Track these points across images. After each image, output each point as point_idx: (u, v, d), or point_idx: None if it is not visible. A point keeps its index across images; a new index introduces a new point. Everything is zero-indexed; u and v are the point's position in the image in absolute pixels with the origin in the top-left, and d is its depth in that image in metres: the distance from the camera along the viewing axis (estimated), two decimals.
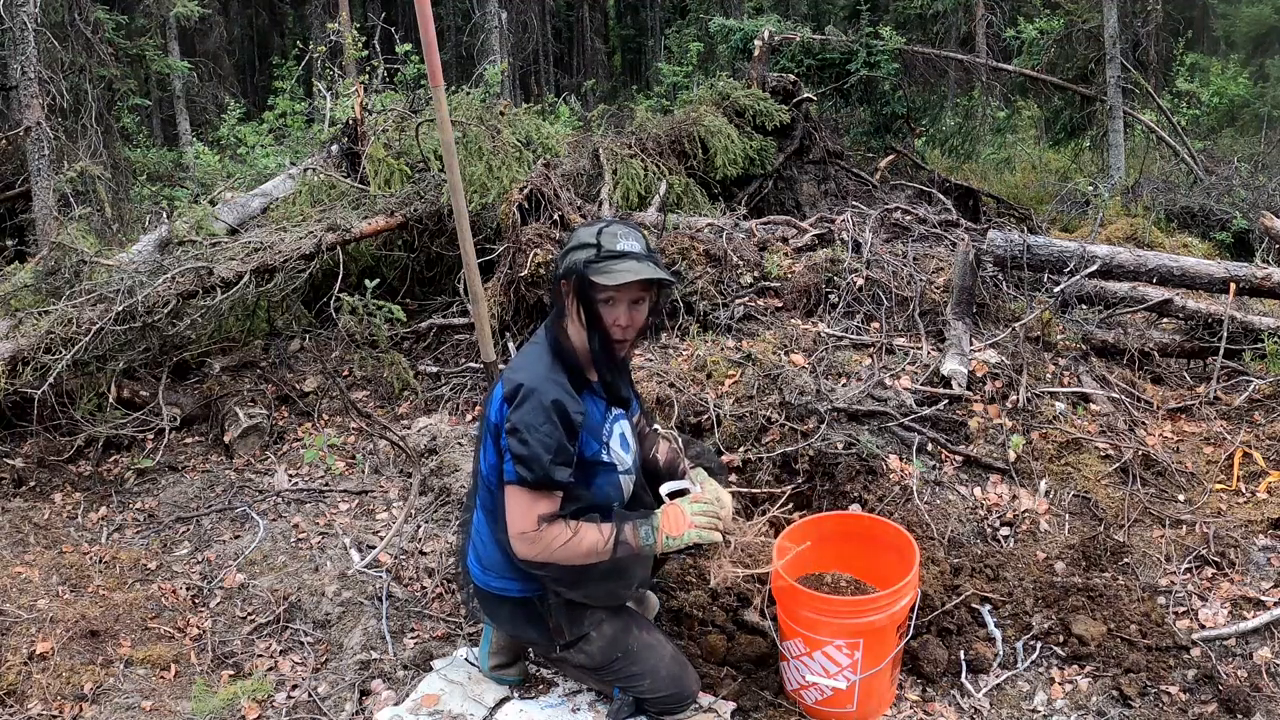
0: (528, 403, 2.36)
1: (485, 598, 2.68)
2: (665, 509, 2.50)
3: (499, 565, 2.59)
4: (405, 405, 4.78)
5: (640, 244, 2.46)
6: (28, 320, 4.43)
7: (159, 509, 4.17)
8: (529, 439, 2.34)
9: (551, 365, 2.45)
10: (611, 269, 2.38)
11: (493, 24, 15.20)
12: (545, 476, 2.35)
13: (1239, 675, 2.81)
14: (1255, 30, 17.33)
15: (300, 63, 11.11)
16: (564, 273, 2.45)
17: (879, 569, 2.92)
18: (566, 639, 2.60)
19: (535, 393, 2.36)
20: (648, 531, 2.45)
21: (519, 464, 2.35)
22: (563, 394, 2.38)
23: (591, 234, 2.45)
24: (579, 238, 2.47)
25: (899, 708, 2.80)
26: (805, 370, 4.08)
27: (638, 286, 2.43)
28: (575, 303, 2.45)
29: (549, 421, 2.35)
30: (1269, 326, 4.39)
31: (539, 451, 2.34)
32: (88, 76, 9.61)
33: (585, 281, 2.40)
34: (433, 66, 3.47)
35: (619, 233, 2.45)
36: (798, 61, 9.51)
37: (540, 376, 2.40)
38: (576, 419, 2.40)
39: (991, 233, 4.84)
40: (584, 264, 2.40)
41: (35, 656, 3.02)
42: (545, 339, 2.53)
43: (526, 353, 2.54)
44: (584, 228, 2.51)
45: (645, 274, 2.39)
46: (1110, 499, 3.56)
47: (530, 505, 2.38)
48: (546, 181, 5.00)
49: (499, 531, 2.51)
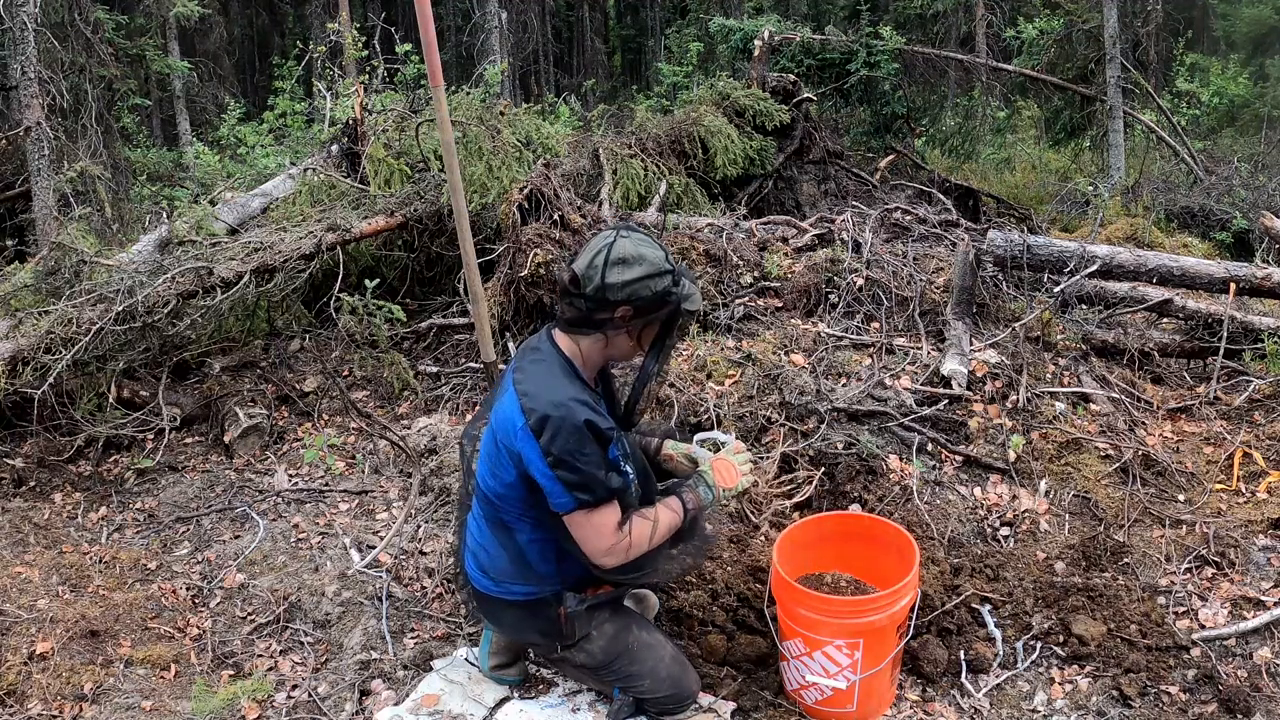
0: (562, 431, 2.31)
1: (486, 601, 2.67)
2: (715, 463, 2.59)
3: (505, 573, 2.58)
4: (405, 405, 4.78)
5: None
6: (28, 320, 4.43)
7: (159, 509, 4.17)
8: (578, 465, 2.32)
9: (568, 383, 2.40)
10: (692, 294, 2.44)
11: (493, 24, 15.20)
12: (608, 491, 2.36)
13: (1239, 675, 2.81)
14: (1255, 30, 17.33)
15: (300, 63, 11.11)
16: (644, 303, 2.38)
17: (879, 569, 2.93)
18: (569, 639, 2.60)
19: (565, 419, 2.31)
20: (705, 490, 2.55)
21: (578, 490, 2.33)
22: (590, 412, 2.35)
23: (664, 259, 2.41)
24: (654, 264, 2.39)
25: (899, 708, 2.80)
26: (805, 370, 4.08)
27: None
28: (642, 326, 2.43)
29: (588, 443, 2.33)
30: (1269, 326, 4.39)
31: (593, 473, 2.33)
32: (88, 76, 9.61)
33: (678, 309, 2.42)
34: (433, 66, 3.47)
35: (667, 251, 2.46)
36: (798, 61, 9.51)
37: (562, 400, 2.34)
38: (609, 433, 2.38)
39: (991, 233, 4.84)
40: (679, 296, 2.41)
41: (35, 656, 3.02)
42: (550, 354, 2.46)
43: (533, 372, 2.45)
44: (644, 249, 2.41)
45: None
46: (1110, 499, 3.56)
47: (603, 523, 2.39)
48: (546, 181, 5.00)
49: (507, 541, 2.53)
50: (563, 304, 2.46)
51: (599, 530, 2.39)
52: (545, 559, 2.54)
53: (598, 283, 2.37)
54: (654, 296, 2.39)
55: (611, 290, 2.37)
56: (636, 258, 2.39)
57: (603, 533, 2.39)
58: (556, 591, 2.57)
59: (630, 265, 2.38)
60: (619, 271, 2.37)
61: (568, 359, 2.45)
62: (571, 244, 4.81)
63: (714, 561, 3.21)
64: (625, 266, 2.38)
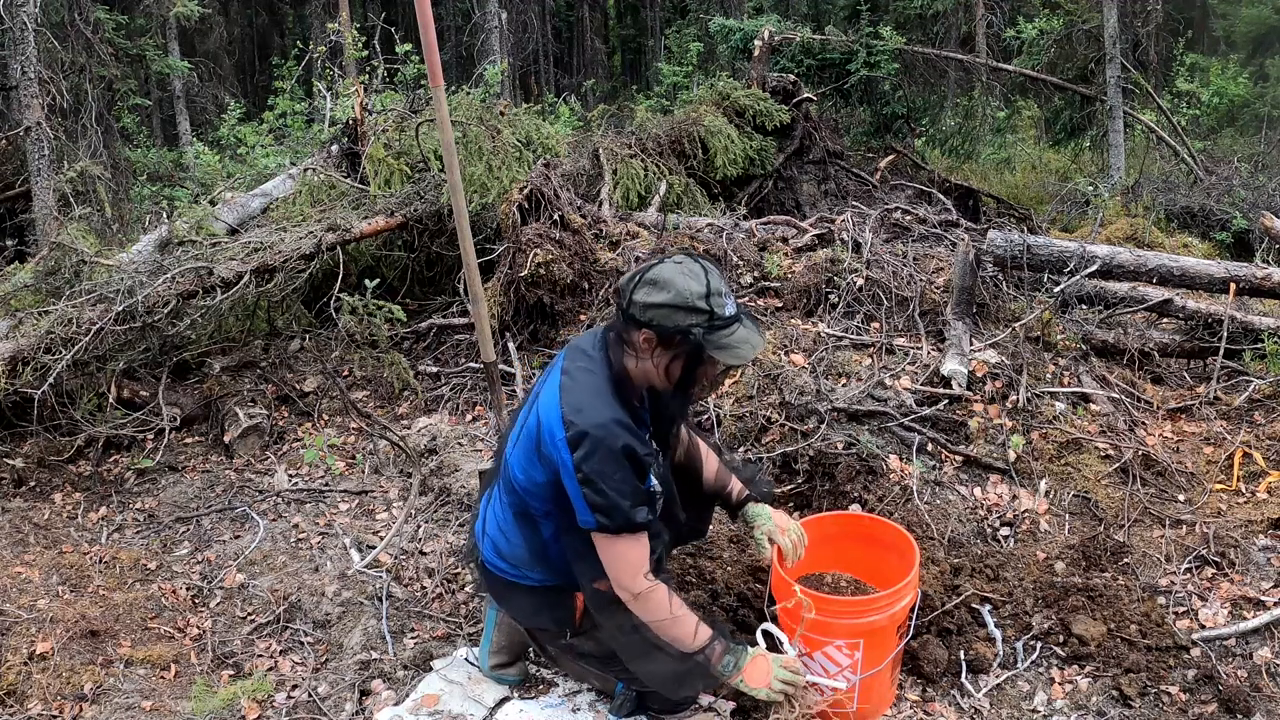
0: (598, 452, 2.26)
1: (499, 584, 2.65)
2: (756, 658, 2.44)
3: (524, 562, 2.57)
4: (405, 405, 4.78)
5: (729, 287, 2.35)
6: (28, 320, 4.43)
7: (159, 509, 4.17)
8: (604, 488, 2.28)
9: (613, 403, 2.34)
10: (732, 345, 2.28)
11: (493, 24, 15.20)
12: (627, 522, 2.31)
13: (1239, 675, 2.81)
14: (1255, 30, 17.33)
15: (300, 63, 11.10)
16: (662, 332, 2.29)
17: (879, 569, 2.92)
18: (581, 627, 2.59)
19: (604, 440, 2.26)
20: (729, 664, 2.41)
21: (597, 512, 2.30)
22: (631, 437, 2.29)
23: (698, 295, 2.27)
24: (682, 296, 2.26)
25: (899, 708, 2.80)
26: (805, 370, 4.08)
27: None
28: (668, 361, 2.33)
29: (622, 468, 2.28)
30: (1269, 326, 4.39)
31: (616, 500, 2.28)
32: (88, 76, 9.62)
33: (701, 353, 2.29)
34: (433, 67, 3.48)
35: (721, 290, 2.29)
36: (798, 61, 9.51)
37: (606, 420, 2.29)
38: (647, 461, 2.34)
39: (991, 233, 4.84)
40: (701, 334, 2.27)
41: (35, 656, 3.02)
42: (601, 371, 2.38)
43: (582, 383, 2.37)
44: (679, 277, 2.29)
45: (760, 347, 2.33)
46: (1110, 499, 3.56)
47: (626, 555, 2.34)
48: (546, 181, 5.00)
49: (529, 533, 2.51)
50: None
51: (622, 560, 2.35)
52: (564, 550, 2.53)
53: (626, 298, 2.32)
54: (674, 330, 2.28)
55: (636, 309, 2.30)
56: (666, 283, 2.28)
57: (625, 565, 2.35)
58: (574, 581, 2.55)
59: (658, 289, 2.29)
60: (646, 292, 2.30)
61: (616, 372, 2.38)
62: (571, 244, 4.81)
63: (714, 561, 3.21)
64: (653, 289, 2.29)
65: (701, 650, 2.39)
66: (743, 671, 2.42)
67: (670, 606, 2.38)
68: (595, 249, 4.93)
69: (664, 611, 2.37)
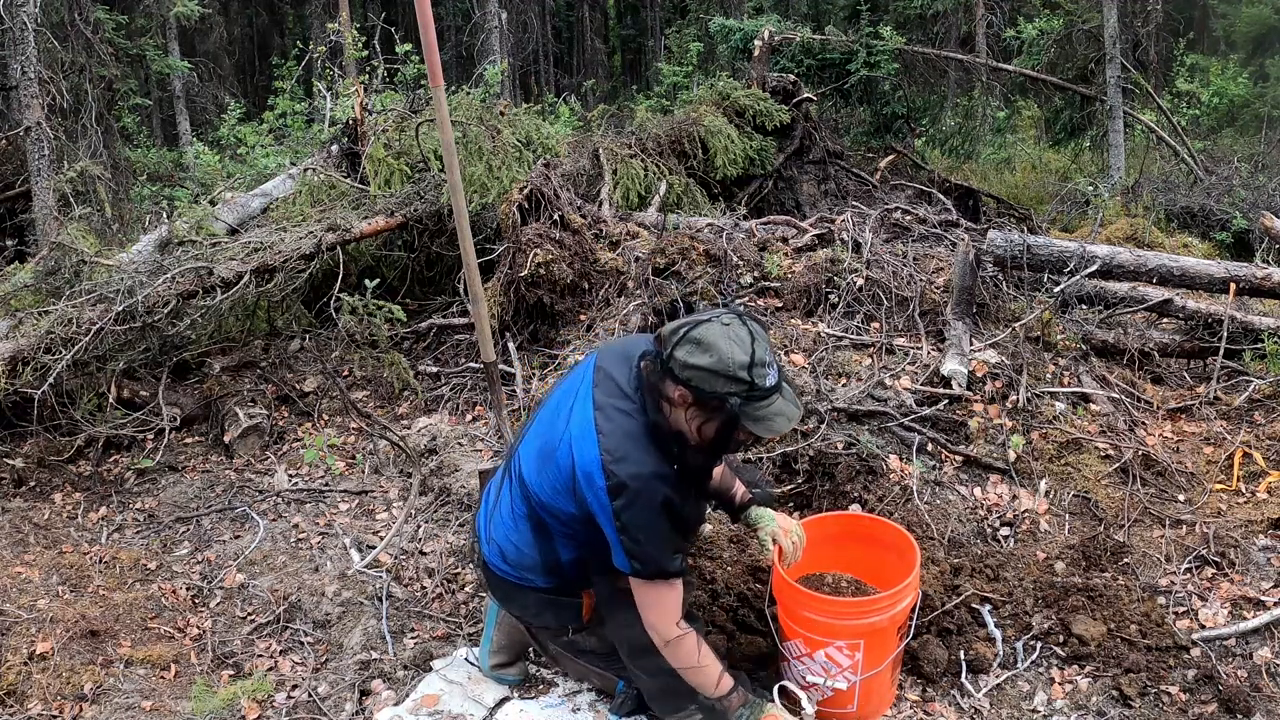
0: (637, 504, 2.27)
1: (503, 584, 2.66)
2: (770, 715, 2.49)
3: (532, 569, 2.58)
4: (405, 405, 4.78)
5: (774, 358, 2.29)
6: (28, 320, 4.43)
7: (159, 509, 4.17)
8: (641, 539, 2.30)
9: (653, 453, 2.31)
10: (767, 418, 2.25)
11: (493, 24, 15.20)
12: (660, 570, 2.34)
13: (1239, 675, 2.81)
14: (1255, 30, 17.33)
15: (300, 63, 11.10)
16: (700, 396, 2.24)
17: (880, 570, 2.92)
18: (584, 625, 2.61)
19: (643, 493, 2.26)
20: (744, 716, 2.48)
21: (632, 559, 2.32)
22: (670, 490, 2.30)
23: (742, 366, 2.20)
24: (725, 364, 2.20)
25: (899, 708, 2.80)
26: (805, 370, 4.08)
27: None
28: (701, 422, 2.29)
29: (661, 520, 2.30)
30: (1269, 326, 4.39)
31: (652, 551, 2.31)
32: (88, 76, 9.61)
33: (735, 422, 2.26)
34: (433, 67, 3.48)
35: (766, 360, 2.24)
36: (798, 61, 9.51)
37: (647, 473, 2.27)
38: (684, 511, 2.36)
39: (991, 233, 4.84)
40: (737, 405, 2.22)
41: (35, 656, 3.02)
42: (639, 416, 2.34)
43: (622, 428, 2.32)
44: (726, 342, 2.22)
45: (796, 420, 2.32)
46: (1110, 499, 3.56)
47: (661, 601, 2.38)
48: (546, 181, 5.00)
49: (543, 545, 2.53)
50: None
51: (658, 605, 2.39)
52: (580, 569, 2.55)
53: (669, 350, 2.27)
54: (711, 395, 2.23)
55: (676, 365, 2.25)
56: (711, 346, 2.22)
57: (660, 611, 2.39)
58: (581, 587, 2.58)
59: (701, 350, 2.23)
60: (688, 351, 2.24)
61: (653, 420, 2.33)
62: (571, 244, 4.81)
63: (714, 561, 3.21)
64: (695, 349, 2.23)
65: (722, 699, 2.47)
66: None
67: (699, 654, 2.44)
68: (595, 249, 4.93)
69: (692, 659, 2.43)
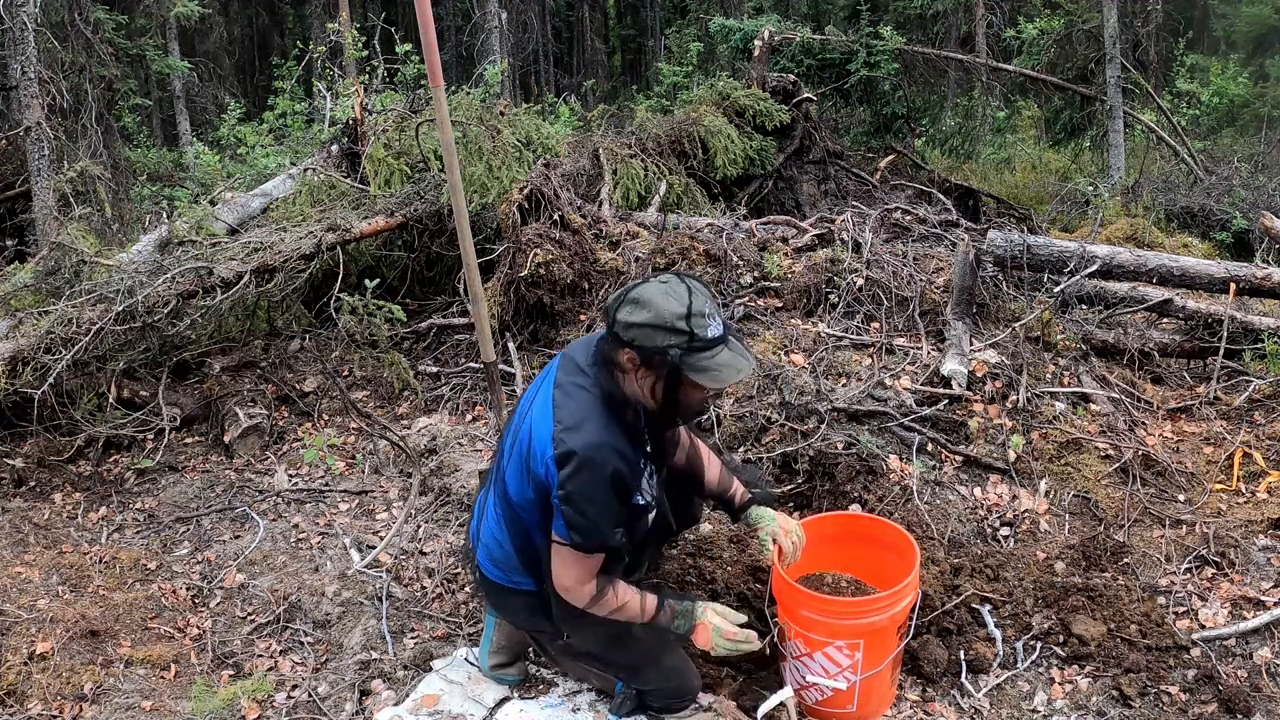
0: (583, 473, 2.25)
1: (496, 589, 2.66)
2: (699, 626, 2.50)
3: (517, 570, 2.58)
4: (405, 405, 4.78)
5: (718, 310, 2.31)
6: (28, 320, 4.43)
7: (159, 509, 4.17)
8: (586, 510, 2.28)
9: (607, 424, 2.32)
10: (709, 366, 2.24)
11: (493, 24, 15.20)
12: (600, 544, 2.33)
13: (1239, 675, 2.81)
14: (1255, 30, 17.34)
15: (300, 63, 11.10)
16: (643, 352, 2.26)
17: (879, 569, 2.92)
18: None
19: (592, 462, 2.25)
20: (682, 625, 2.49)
21: (573, 530, 2.30)
22: (620, 462, 2.29)
23: (679, 317, 2.23)
24: (661, 316, 2.23)
25: (899, 708, 2.80)
26: (805, 370, 4.08)
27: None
28: (652, 382, 2.30)
29: (606, 492, 2.28)
30: (1269, 326, 4.39)
31: (595, 522, 2.29)
32: (88, 76, 9.62)
33: (679, 375, 2.25)
34: (433, 67, 3.48)
35: (705, 310, 2.25)
36: (798, 61, 9.51)
37: (597, 443, 2.27)
38: (633, 484, 2.35)
39: (991, 233, 4.84)
40: (678, 355, 2.22)
41: (35, 656, 3.02)
42: (594, 389, 2.36)
43: (575, 403, 2.35)
44: (660, 298, 2.25)
45: (745, 371, 2.29)
46: (1110, 499, 3.56)
47: (580, 566, 2.37)
48: (546, 181, 5.00)
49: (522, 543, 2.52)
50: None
51: (573, 571, 2.39)
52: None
53: (611, 315, 2.30)
54: (654, 350, 2.25)
55: (619, 328, 2.28)
56: (647, 303, 2.25)
57: (577, 576, 2.39)
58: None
59: (639, 308, 2.26)
60: (628, 311, 2.28)
61: (608, 390, 2.35)
62: (571, 244, 4.81)
63: (714, 561, 3.21)
64: (635, 308, 2.27)
65: (653, 620, 2.47)
66: (693, 637, 2.51)
67: (616, 597, 2.43)
68: (595, 249, 4.93)
69: (612, 601, 2.43)
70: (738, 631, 2.51)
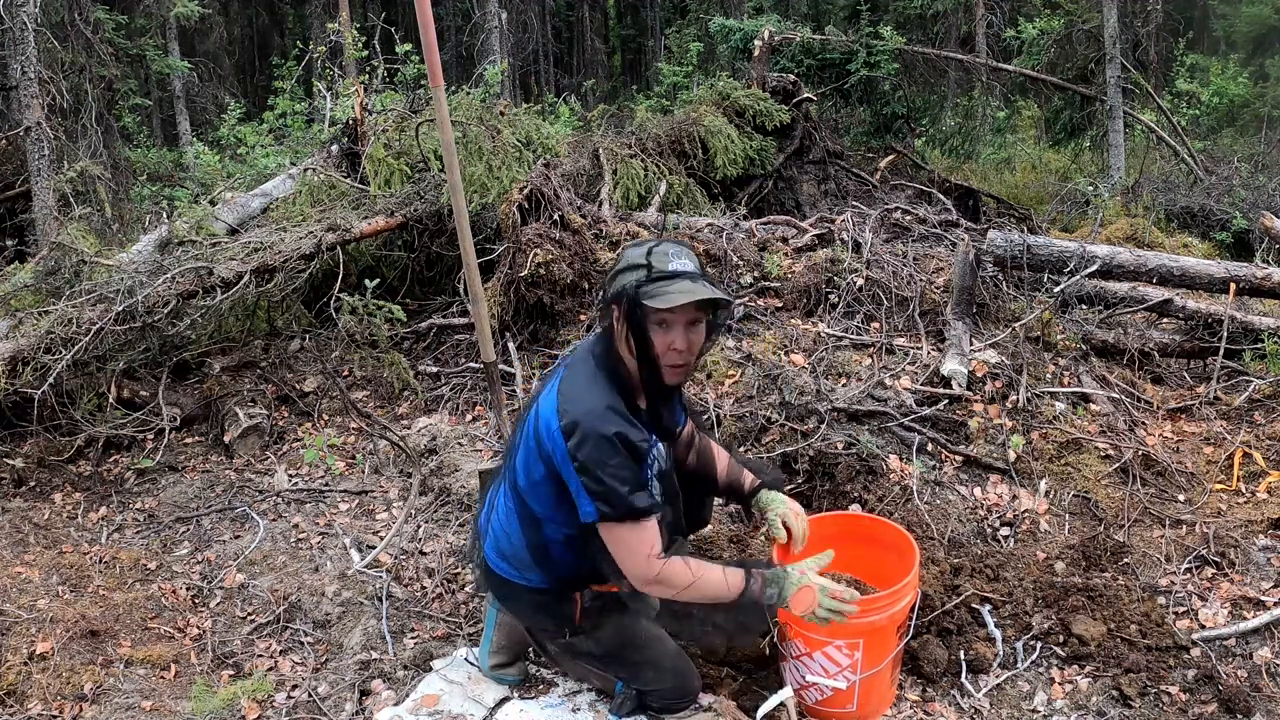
0: (589, 439, 2.28)
1: (501, 584, 2.65)
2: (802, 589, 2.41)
3: (525, 564, 2.57)
4: (405, 405, 4.78)
5: (693, 263, 2.37)
6: (28, 320, 4.43)
7: (159, 509, 4.17)
8: (601, 475, 2.29)
9: (607, 393, 2.36)
10: (664, 290, 2.28)
11: (493, 24, 15.20)
12: (627, 508, 2.31)
13: (1239, 675, 2.81)
14: (1255, 30, 17.35)
15: (300, 63, 11.10)
16: (613, 296, 2.35)
17: (879, 569, 2.92)
18: (580, 628, 2.59)
19: (594, 428, 2.28)
20: (774, 594, 2.42)
21: (597, 500, 2.31)
22: (623, 424, 2.31)
23: (640, 254, 2.35)
24: (627, 259, 2.37)
25: (899, 708, 2.80)
26: (805, 370, 4.08)
27: (693, 308, 2.32)
28: (626, 328, 2.34)
29: (616, 454, 2.29)
30: (1269, 326, 4.39)
31: (614, 485, 2.29)
32: (88, 76, 9.62)
33: (636, 305, 2.29)
34: (433, 67, 3.48)
35: (670, 251, 2.35)
36: (798, 61, 9.51)
37: (597, 409, 2.31)
38: (641, 446, 2.34)
39: (991, 233, 4.84)
40: (635, 286, 2.30)
41: (35, 656, 3.02)
42: (594, 363, 2.42)
43: (576, 378, 2.41)
44: (632, 248, 2.40)
45: (700, 294, 2.29)
46: (1110, 499, 3.56)
47: (632, 543, 2.34)
48: (546, 181, 5.00)
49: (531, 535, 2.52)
50: None
51: (630, 549, 2.35)
52: (568, 555, 2.52)
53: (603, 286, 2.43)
54: (619, 291, 2.33)
55: (605, 288, 2.41)
56: (621, 255, 2.40)
57: (634, 553, 2.35)
58: (575, 583, 2.56)
59: (615, 264, 2.41)
60: (609, 275, 2.42)
61: (616, 371, 2.39)
62: (571, 244, 4.81)
63: (714, 561, 3.21)
64: (613, 265, 2.43)
65: (742, 594, 2.39)
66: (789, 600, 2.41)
67: (691, 570, 2.38)
68: (595, 249, 4.93)
69: (686, 578, 2.37)
70: (842, 590, 2.45)
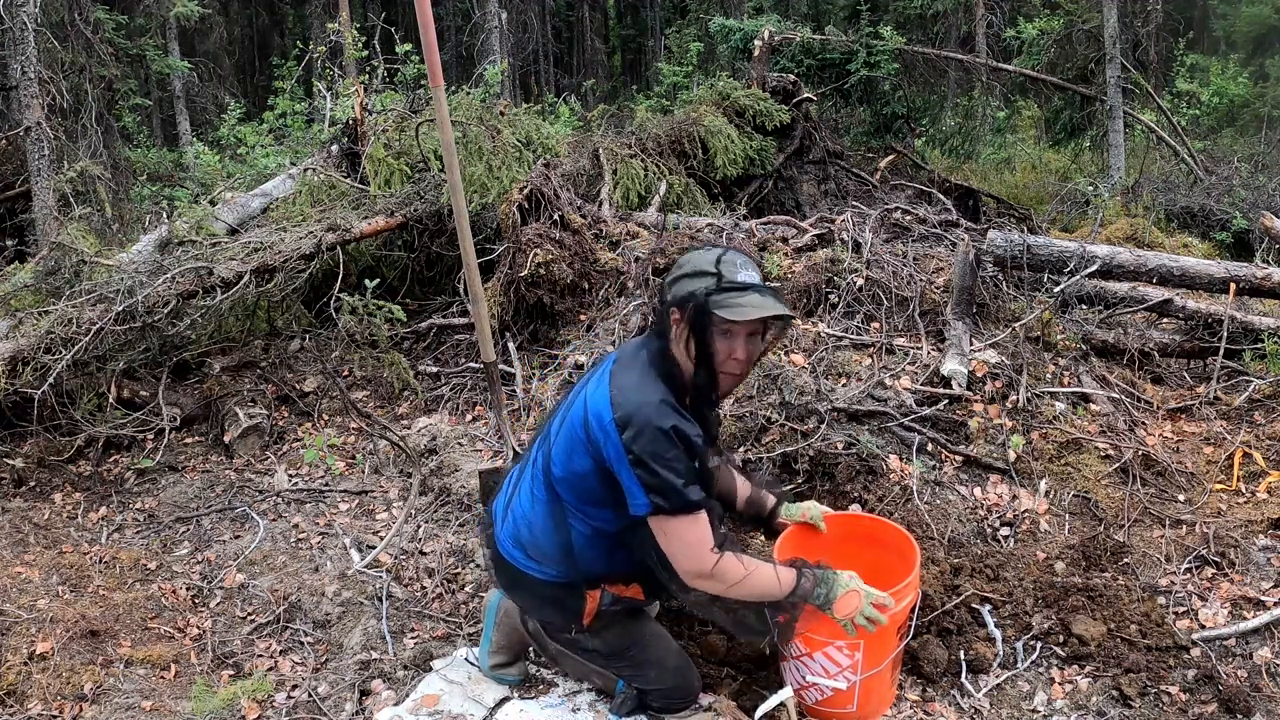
0: (645, 433, 2.28)
1: (511, 572, 2.63)
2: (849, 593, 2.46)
3: (545, 556, 2.55)
4: (405, 405, 4.78)
5: (758, 274, 2.38)
6: (28, 320, 4.43)
7: (159, 509, 4.17)
8: (656, 468, 2.28)
9: (659, 386, 2.36)
10: (736, 302, 2.30)
11: (493, 24, 15.20)
12: (683, 501, 2.31)
13: (1239, 675, 2.81)
14: (1255, 30, 17.35)
15: (300, 63, 11.11)
16: (677, 301, 2.35)
17: (880, 570, 2.92)
18: (590, 626, 2.59)
19: (650, 421, 2.28)
20: (821, 595, 2.45)
21: (653, 493, 2.30)
22: (679, 418, 2.31)
23: (709, 261, 2.35)
24: (695, 264, 2.37)
25: (899, 708, 2.80)
26: (805, 370, 4.08)
27: (759, 321, 2.35)
28: (687, 333, 2.35)
29: (673, 447, 2.29)
30: (1269, 326, 4.39)
31: (670, 478, 2.28)
32: (88, 76, 9.63)
33: (704, 313, 2.30)
34: (433, 67, 3.48)
35: (738, 261, 2.36)
36: (798, 61, 9.51)
37: (652, 402, 2.31)
38: (696, 441, 2.33)
39: (991, 233, 4.84)
40: (704, 294, 2.30)
41: (35, 656, 3.02)
42: (647, 362, 2.41)
43: (629, 374, 2.40)
44: (697, 253, 2.41)
45: (773, 310, 2.32)
46: (1110, 499, 3.56)
47: (687, 536, 2.33)
48: (546, 181, 5.00)
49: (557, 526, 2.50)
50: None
51: (686, 544, 2.34)
52: (592, 551, 2.51)
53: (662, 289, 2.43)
54: (685, 297, 2.33)
55: (666, 292, 2.39)
56: (685, 260, 2.38)
57: (689, 546, 2.34)
58: (590, 580, 2.55)
59: (679, 267, 2.39)
60: (672, 273, 2.41)
61: (661, 359, 2.41)
62: (571, 244, 4.81)
63: None
64: (677, 269, 2.40)
65: (793, 592, 2.43)
66: (834, 603, 2.45)
67: (743, 565, 2.38)
68: (595, 249, 4.93)
69: (738, 573, 2.37)
70: (886, 598, 2.49)
